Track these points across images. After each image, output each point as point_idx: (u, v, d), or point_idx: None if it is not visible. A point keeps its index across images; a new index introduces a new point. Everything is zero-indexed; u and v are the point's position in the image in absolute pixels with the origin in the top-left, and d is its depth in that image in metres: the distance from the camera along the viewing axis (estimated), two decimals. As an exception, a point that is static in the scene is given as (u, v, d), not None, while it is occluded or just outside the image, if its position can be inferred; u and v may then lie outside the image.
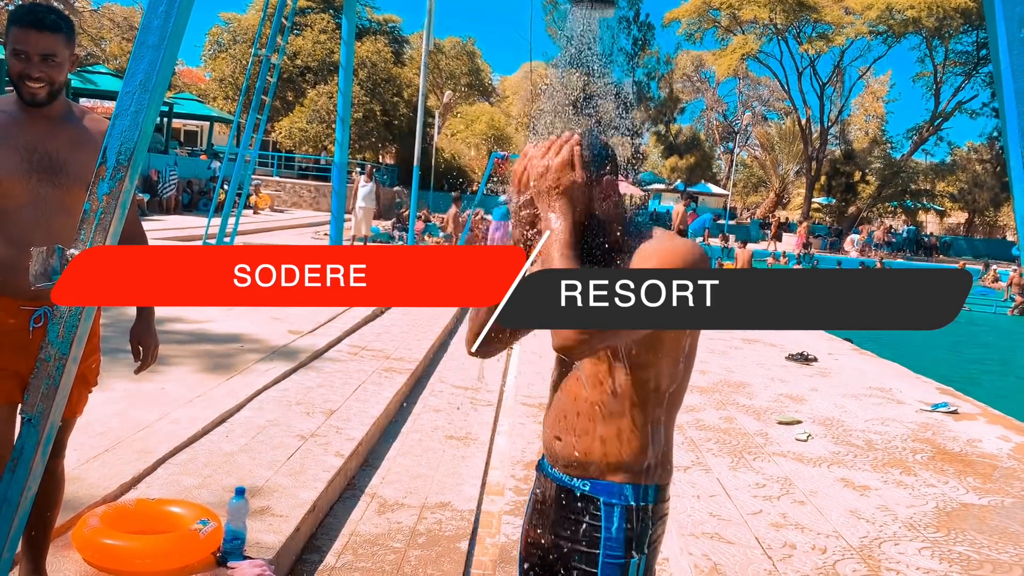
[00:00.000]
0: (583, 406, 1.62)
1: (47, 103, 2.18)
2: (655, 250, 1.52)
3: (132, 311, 2.55)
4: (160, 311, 7.85)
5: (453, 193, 17.81)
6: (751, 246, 23.23)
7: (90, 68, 26.38)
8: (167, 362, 5.45)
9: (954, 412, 6.45)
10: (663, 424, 1.61)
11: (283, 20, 11.06)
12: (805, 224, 32.43)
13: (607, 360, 1.58)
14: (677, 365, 1.59)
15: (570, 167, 1.51)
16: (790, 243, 33.74)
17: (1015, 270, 21.21)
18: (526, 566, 1.73)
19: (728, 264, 20.86)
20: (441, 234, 20.19)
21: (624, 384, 1.58)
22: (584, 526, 1.60)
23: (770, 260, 26.60)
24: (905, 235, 40.33)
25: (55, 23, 2.13)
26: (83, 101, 23.46)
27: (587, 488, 1.61)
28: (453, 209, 17.05)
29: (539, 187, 1.52)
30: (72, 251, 1.65)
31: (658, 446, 1.60)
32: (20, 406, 1.81)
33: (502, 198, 14.09)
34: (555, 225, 1.48)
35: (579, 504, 1.61)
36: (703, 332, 1.64)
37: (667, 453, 1.64)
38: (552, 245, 1.46)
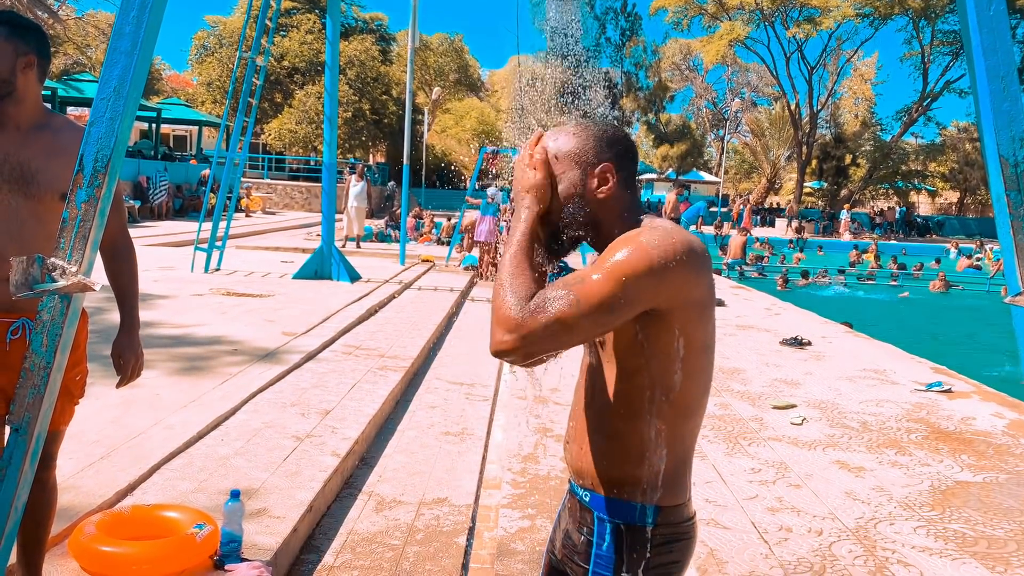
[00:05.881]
0: (585, 413, 1.57)
1: None
2: (612, 245, 1.43)
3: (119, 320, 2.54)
4: (153, 315, 7.80)
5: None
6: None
7: (76, 76, 26.33)
8: (161, 367, 5.45)
9: (948, 391, 6.48)
10: (665, 437, 1.47)
11: (267, 22, 11.03)
12: (748, 207, 32.48)
13: (603, 366, 1.52)
14: (672, 371, 1.44)
15: (532, 168, 1.48)
16: (779, 228, 33.78)
17: None
18: (550, 568, 1.70)
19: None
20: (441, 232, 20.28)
21: (618, 391, 1.49)
22: (583, 538, 1.54)
23: (763, 246, 26.58)
24: (898, 216, 40.40)
25: None
26: (70, 109, 23.39)
27: (588, 499, 1.54)
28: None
29: (515, 187, 1.51)
30: (53, 259, 1.66)
31: (658, 462, 1.48)
32: (7, 417, 1.80)
33: (489, 191, 14.06)
34: (513, 225, 1.45)
35: (583, 514, 1.55)
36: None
37: (676, 469, 1.50)
38: (506, 247, 1.43)
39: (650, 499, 1.48)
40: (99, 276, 1.87)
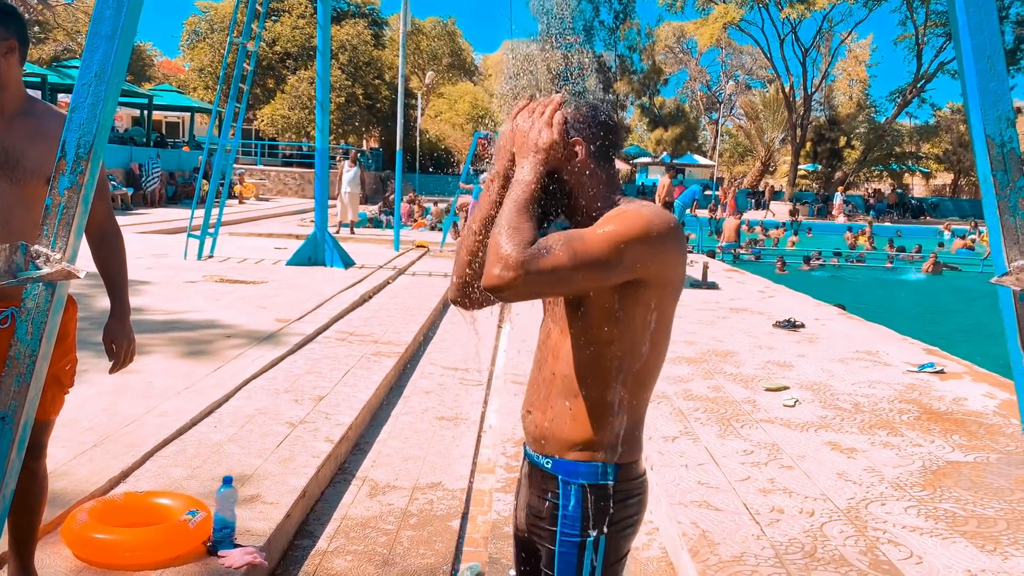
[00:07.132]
0: (548, 381, 1.63)
1: None
2: (611, 214, 1.50)
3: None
4: (146, 302, 7.78)
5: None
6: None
7: (66, 63, 26.11)
8: (154, 354, 5.45)
9: (940, 372, 6.50)
10: (626, 404, 1.57)
11: (258, 6, 10.95)
12: (733, 189, 32.40)
13: (569, 333, 1.57)
14: (641, 343, 1.54)
15: (549, 126, 1.50)
16: (777, 210, 33.73)
17: None
18: (519, 545, 1.74)
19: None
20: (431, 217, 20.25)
21: (584, 360, 1.55)
22: (547, 504, 1.60)
23: (758, 229, 26.55)
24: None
25: None
26: (61, 96, 23.21)
27: (549, 466, 1.60)
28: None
29: (520, 145, 1.52)
30: (37, 247, 1.65)
31: (619, 426, 1.57)
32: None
33: (482, 176, 14.05)
34: (520, 176, 1.47)
35: (545, 482, 1.61)
36: (691, 304, 1.65)
37: (632, 432, 1.60)
38: (510, 195, 1.46)
39: (610, 458, 1.57)
40: (86, 263, 1.86)
